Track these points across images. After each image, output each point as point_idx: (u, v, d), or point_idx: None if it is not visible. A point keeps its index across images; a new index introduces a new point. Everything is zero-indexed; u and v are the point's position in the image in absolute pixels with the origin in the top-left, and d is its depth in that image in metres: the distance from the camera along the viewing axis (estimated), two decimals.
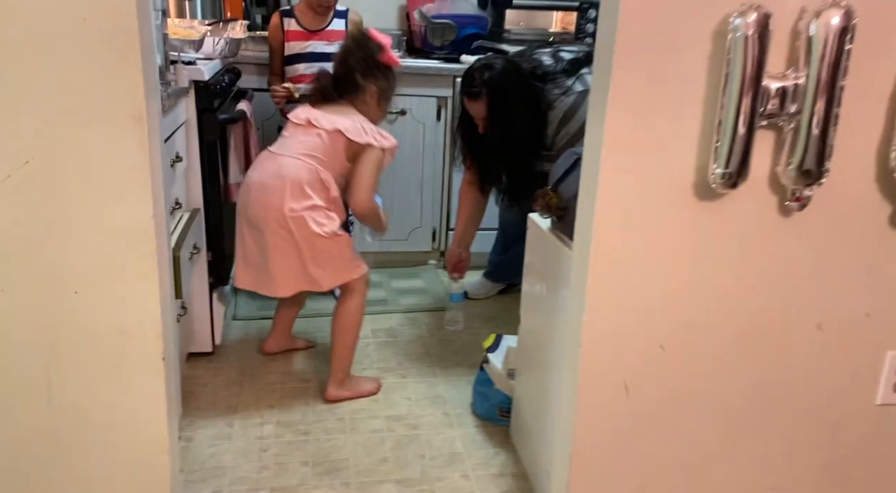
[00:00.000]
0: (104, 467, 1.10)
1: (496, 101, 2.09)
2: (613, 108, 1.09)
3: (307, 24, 2.38)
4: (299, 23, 2.38)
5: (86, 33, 0.93)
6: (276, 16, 2.42)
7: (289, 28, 2.38)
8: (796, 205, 1.15)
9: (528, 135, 2.12)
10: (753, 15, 1.01)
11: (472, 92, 2.12)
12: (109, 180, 0.98)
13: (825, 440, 1.31)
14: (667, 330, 1.23)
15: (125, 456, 1.10)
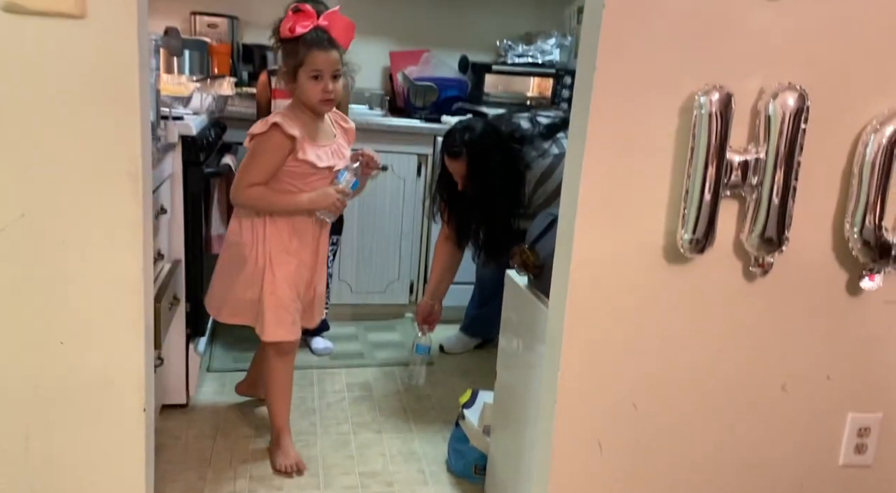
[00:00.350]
0: None
1: (476, 160, 2.18)
2: (588, 174, 1.16)
3: None
4: None
5: (88, 94, 0.97)
6: (264, 74, 2.45)
7: (276, 86, 2.40)
8: (759, 270, 1.21)
9: (505, 193, 2.20)
10: (716, 94, 1.09)
11: (454, 151, 2.20)
12: (103, 234, 1.01)
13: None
14: (639, 388, 1.27)
15: None
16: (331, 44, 1.72)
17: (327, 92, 1.72)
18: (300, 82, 1.73)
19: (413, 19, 3.28)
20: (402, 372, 2.52)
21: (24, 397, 1.03)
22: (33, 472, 1.04)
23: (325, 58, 1.71)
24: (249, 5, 3.09)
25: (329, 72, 1.72)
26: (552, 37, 3.14)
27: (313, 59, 1.70)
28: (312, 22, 1.70)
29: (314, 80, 1.71)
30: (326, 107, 1.79)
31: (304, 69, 1.71)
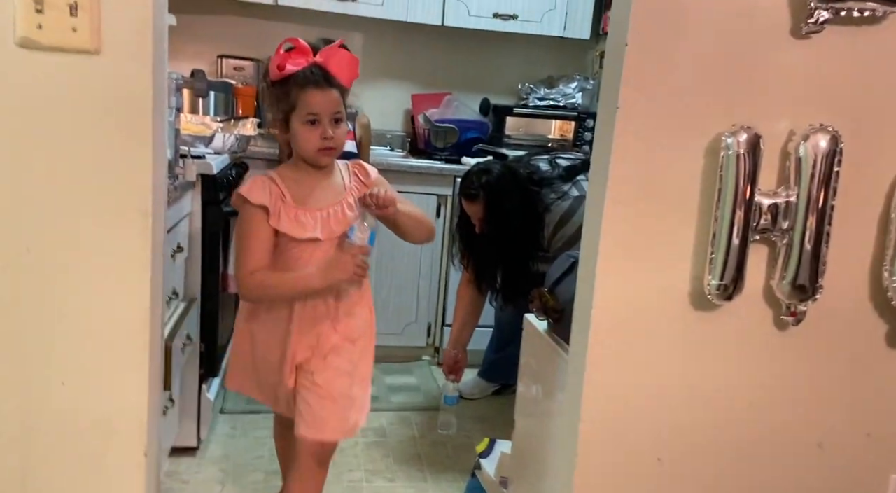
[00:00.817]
0: None
1: (492, 203, 2.16)
2: (609, 216, 1.12)
3: None
4: None
5: (101, 131, 0.96)
6: None
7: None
8: (792, 319, 1.15)
9: (522, 236, 2.17)
10: (744, 135, 1.05)
11: (471, 194, 2.19)
12: (108, 271, 0.99)
13: None
14: (664, 442, 1.20)
15: None
16: (328, 82, 1.38)
17: (326, 139, 1.38)
18: (294, 130, 1.40)
19: (435, 62, 3.31)
20: (433, 418, 2.45)
21: (21, 439, 0.99)
22: None
23: (322, 98, 1.37)
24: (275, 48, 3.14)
25: (327, 114, 1.38)
26: (574, 80, 3.15)
27: (307, 100, 1.37)
28: (307, 59, 1.38)
29: (310, 125, 1.38)
30: (326, 157, 1.43)
31: (298, 113, 1.38)
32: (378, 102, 3.32)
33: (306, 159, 1.44)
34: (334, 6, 2.93)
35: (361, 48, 3.24)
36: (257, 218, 1.40)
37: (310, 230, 1.41)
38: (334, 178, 1.50)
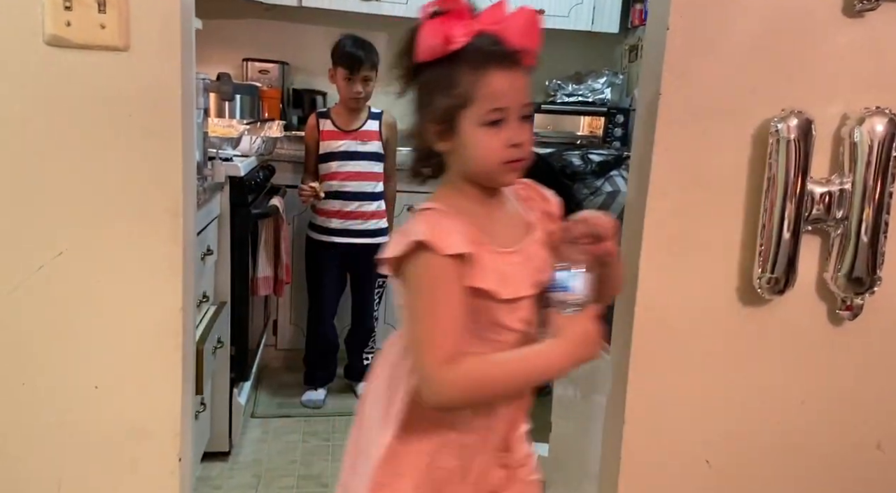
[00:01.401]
0: None
1: None
2: (652, 210, 1.07)
3: (342, 124, 2.41)
4: (334, 123, 2.42)
5: (130, 129, 0.95)
6: (312, 117, 2.47)
7: (324, 128, 2.42)
8: (847, 314, 1.10)
9: None
10: (795, 120, 1.00)
11: None
12: (141, 272, 0.97)
13: None
14: (712, 444, 1.15)
15: None
16: (515, 60, 0.90)
17: (515, 146, 0.89)
18: (465, 135, 0.89)
19: None
20: None
21: (56, 445, 0.98)
22: None
23: (511, 84, 0.89)
24: (300, 51, 3.14)
25: (517, 109, 0.89)
26: (603, 75, 3.09)
27: (491, 88, 0.87)
28: (476, 26, 0.89)
29: (491, 127, 0.88)
30: (513, 173, 0.93)
31: (475, 110, 0.88)
32: (404, 106, 3.29)
33: (480, 177, 0.93)
34: (358, 6, 2.92)
35: (386, 48, 3.22)
36: (450, 275, 0.86)
37: (521, 284, 0.91)
38: (509, 204, 0.99)
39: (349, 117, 2.42)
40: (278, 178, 2.60)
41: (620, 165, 2.17)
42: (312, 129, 2.42)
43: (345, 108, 2.41)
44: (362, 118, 2.43)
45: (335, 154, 2.40)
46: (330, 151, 2.40)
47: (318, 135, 2.40)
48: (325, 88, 3.16)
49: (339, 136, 2.39)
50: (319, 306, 2.45)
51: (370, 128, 2.44)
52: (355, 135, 2.40)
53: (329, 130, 2.41)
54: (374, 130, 2.44)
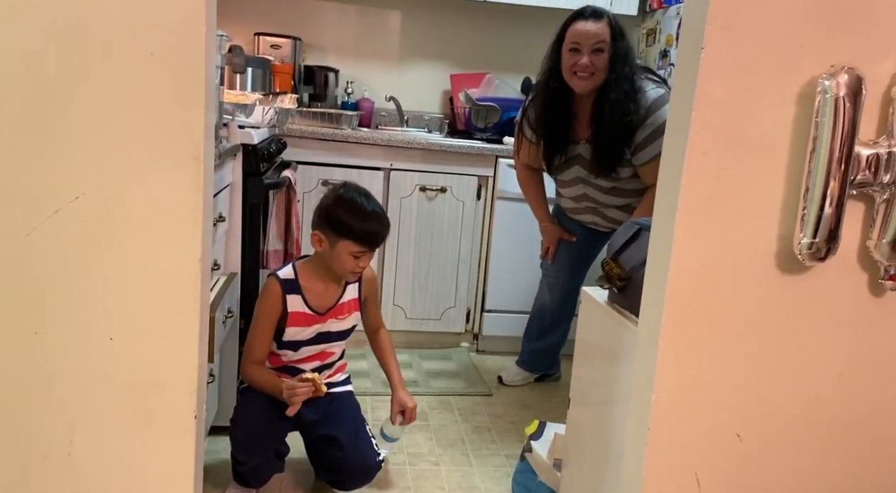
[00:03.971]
0: None
1: (619, 28, 2.03)
2: (690, 169, 1.03)
3: (316, 302, 1.75)
4: (306, 301, 1.73)
5: (151, 69, 0.90)
6: (275, 284, 1.72)
7: (293, 309, 1.71)
8: (891, 284, 1.05)
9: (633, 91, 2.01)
10: (845, 77, 0.96)
11: (596, 11, 2.03)
12: (160, 219, 0.93)
13: None
14: (744, 417, 1.11)
15: None
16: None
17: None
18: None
19: (474, 41, 3.24)
20: (473, 404, 2.37)
21: (69, 397, 0.94)
22: (76, 477, 0.94)
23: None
24: (313, 27, 3.10)
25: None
26: None
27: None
28: None
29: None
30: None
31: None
32: (415, 84, 3.26)
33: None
34: None
35: (399, 27, 3.18)
36: None
37: None
38: None
39: (326, 291, 1.77)
40: (289, 154, 2.57)
41: None
42: (275, 300, 1.72)
43: (327, 277, 1.75)
44: (342, 286, 1.80)
45: (298, 343, 1.76)
46: (295, 340, 1.75)
47: (283, 315, 1.73)
48: (338, 64, 3.13)
49: (312, 320, 1.75)
50: None
51: (350, 297, 1.82)
52: (333, 312, 1.78)
53: (298, 312, 1.73)
54: (355, 299, 1.84)
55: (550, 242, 2.49)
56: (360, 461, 1.70)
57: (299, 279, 1.71)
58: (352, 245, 1.64)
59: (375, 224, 1.66)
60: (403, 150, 2.72)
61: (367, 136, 2.68)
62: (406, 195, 2.76)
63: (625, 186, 2.16)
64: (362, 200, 1.68)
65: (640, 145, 2.04)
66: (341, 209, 1.64)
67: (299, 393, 1.57)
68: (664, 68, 2.98)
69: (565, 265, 2.49)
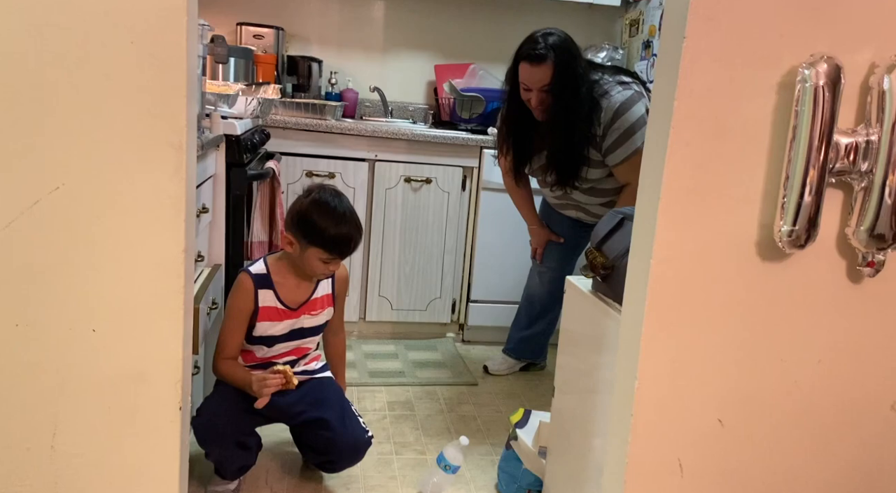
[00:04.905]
0: None
1: (563, 64, 1.99)
2: (672, 158, 1.04)
3: (289, 297, 1.71)
4: (278, 296, 1.70)
5: (133, 56, 0.90)
6: (247, 279, 1.68)
7: (264, 303, 1.67)
8: (868, 270, 1.07)
9: (587, 109, 2.02)
10: (824, 65, 0.97)
11: (537, 54, 1.99)
12: (142, 210, 0.92)
13: None
14: (726, 403, 1.13)
15: None
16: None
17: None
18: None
19: (459, 33, 3.23)
20: (459, 394, 2.38)
21: (51, 390, 0.93)
22: (59, 470, 0.94)
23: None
24: (296, 17, 3.07)
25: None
26: (603, 49, 3.05)
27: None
28: None
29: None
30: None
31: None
32: (400, 75, 3.24)
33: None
34: None
35: (383, 17, 3.16)
36: None
37: None
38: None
39: (298, 286, 1.73)
40: (273, 145, 2.55)
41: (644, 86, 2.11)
42: (247, 295, 1.67)
43: (299, 274, 1.72)
44: (313, 283, 1.76)
45: (273, 339, 1.72)
46: (266, 335, 1.70)
47: (255, 310, 1.68)
48: (322, 55, 3.11)
49: (284, 315, 1.71)
50: None
51: (323, 292, 1.78)
52: (305, 308, 1.74)
53: (270, 307, 1.69)
54: (328, 294, 1.80)
55: (538, 244, 2.51)
56: (350, 440, 1.69)
57: (271, 274, 1.69)
58: (321, 252, 1.63)
59: (345, 233, 1.62)
60: (388, 140, 2.71)
61: (351, 127, 2.67)
62: (391, 186, 2.76)
63: (602, 185, 2.18)
64: (336, 204, 1.63)
65: (609, 148, 2.05)
66: (314, 215, 1.61)
67: (270, 385, 1.56)
68: (647, 58, 2.99)
69: (554, 255, 2.50)
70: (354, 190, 2.72)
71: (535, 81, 2.03)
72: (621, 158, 2.05)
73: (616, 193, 2.19)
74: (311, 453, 1.78)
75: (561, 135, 2.07)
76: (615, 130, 2.01)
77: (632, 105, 2.00)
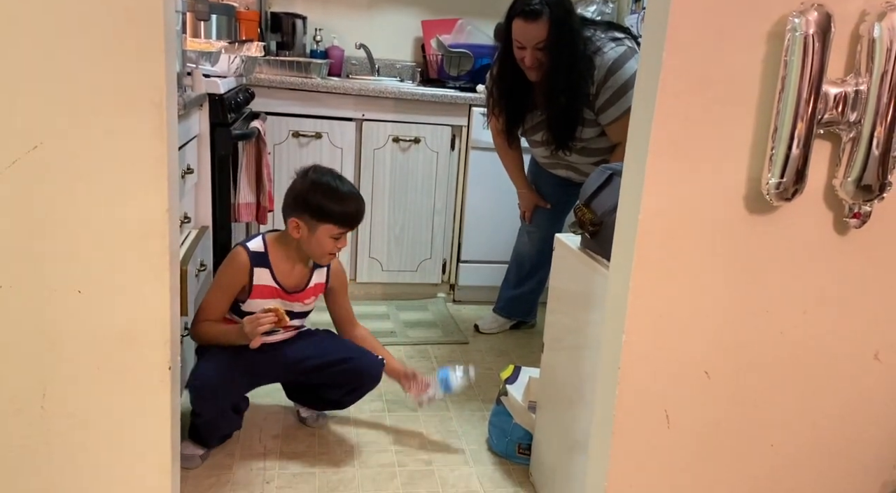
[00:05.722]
0: (99, 484, 0.99)
1: (559, 20, 1.92)
2: (661, 111, 1.03)
3: (286, 280, 1.70)
4: (275, 277, 1.68)
5: (108, 13, 0.87)
6: (243, 253, 1.66)
7: (259, 282, 1.66)
8: (854, 221, 1.08)
9: (582, 67, 1.97)
10: (814, 14, 0.96)
11: (532, 10, 1.92)
12: (123, 169, 0.91)
13: (883, 479, 1.21)
14: (711, 354, 1.14)
15: (121, 475, 0.99)
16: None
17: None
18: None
19: None
20: (450, 353, 2.40)
21: (39, 352, 0.93)
22: (50, 432, 0.94)
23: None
24: None
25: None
26: (593, 4, 3.00)
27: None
28: None
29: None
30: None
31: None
32: (386, 31, 3.18)
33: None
34: None
35: None
36: None
37: None
38: None
39: (294, 271, 1.71)
40: (258, 104, 2.51)
41: None
42: (242, 270, 1.65)
43: (297, 258, 1.70)
44: (309, 269, 1.75)
45: None
46: (257, 311, 1.61)
47: (248, 286, 1.66)
48: (306, 11, 3.04)
49: (278, 295, 1.69)
50: None
51: (317, 281, 1.77)
52: (301, 295, 1.73)
53: (265, 285, 1.67)
54: (321, 284, 1.79)
55: (526, 207, 2.51)
56: (371, 362, 1.77)
57: (269, 253, 1.68)
58: (333, 228, 1.64)
59: (354, 205, 1.66)
60: (375, 99, 2.67)
61: (337, 85, 2.62)
62: (379, 147, 2.73)
63: (593, 145, 2.15)
64: (336, 182, 1.66)
65: (602, 107, 2.02)
66: (319, 194, 1.62)
67: (263, 323, 1.54)
68: (637, 12, 2.94)
69: (544, 214, 2.50)
70: (342, 150, 2.69)
71: (530, 39, 1.97)
72: (614, 117, 2.03)
73: (608, 152, 2.17)
74: (330, 390, 1.78)
75: (558, 96, 2.02)
76: (608, 88, 1.98)
77: (624, 62, 1.97)
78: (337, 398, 1.82)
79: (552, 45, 1.95)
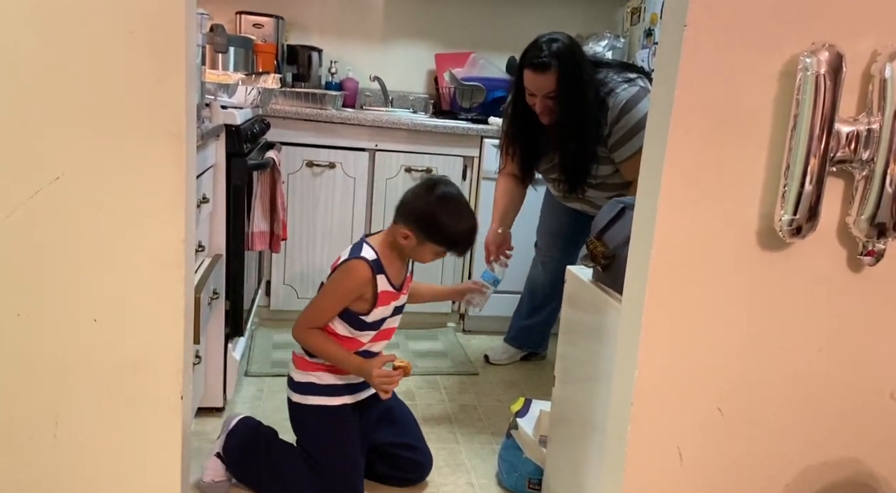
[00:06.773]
0: None
1: (566, 73, 1.95)
2: (674, 147, 1.03)
3: (396, 278, 1.72)
4: (389, 279, 1.69)
5: (131, 46, 0.89)
6: (364, 267, 1.64)
7: (382, 288, 1.66)
8: (868, 259, 1.07)
9: (594, 114, 2.00)
10: (826, 54, 0.97)
11: (541, 63, 1.96)
12: (142, 200, 0.92)
13: None
14: (725, 392, 1.13)
15: None
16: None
17: None
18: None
19: (459, 21, 3.21)
20: (459, 383, 2.39)
21: (53, 379, 0.94)
22: (61, 459, 0.94)
23: None
24: (295, 6, 3.06)
25: None
26: (605, 38, 3.04)
27: None
28: None
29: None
30: None
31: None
32: (400, 64, 3.23)
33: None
34: None
35: (383, 5, 3.15)
36: None
37: None
38: None
39: (399, 268, 1.74)
40: (273, 134, 2.55)
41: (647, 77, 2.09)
42: (362, 283, 1.64)
43: (398, 257, 1.73)
44: (405, 263, 1.79)
45: (382, 321, 1.73)
46: (380, 318, 1.69)
47: (373, 296, 1.65)
48: (322, 44, 3.10)
49: (394, 296, 1.73)
50: None
51: (410, 269, 1.84)
52: (405, 288, 1.79)
53: (386, 291, 1.68)
54: (411, 272, 1.85)
55: (492, 242, 2.33)
56: (429, 459, 1.79)
57: (381, 258, 1.67)
58: (442, 250, 1.68)
59: (469, 236, 1.67)
60: (388, 130, 2.70)
61: (351, 116, 2.66)
62: (391, 176, 2.75)
63: (610, 181, 2.17)
64: (462, 208, 1.66)
65: (614, 146, 2.04)
66: (444, 217, 1.62)
67: (395, 381, 1.62)
68: (648, 47, 2.98)
69: (559, 244, 2.50)
70: (355, 180, 2.72)
71: (539, 88, 2.01)
72: (626, 156, 2.04)
73: (624, 188, 2.18)
74: (386, 467, 1.76)
75: (568, 142, 2.05)
76: (621, 127, 2.00)
77: (637, 102, 1.99)
78: (385, 475, 1.78)
79: (561, 95, 1.99)
